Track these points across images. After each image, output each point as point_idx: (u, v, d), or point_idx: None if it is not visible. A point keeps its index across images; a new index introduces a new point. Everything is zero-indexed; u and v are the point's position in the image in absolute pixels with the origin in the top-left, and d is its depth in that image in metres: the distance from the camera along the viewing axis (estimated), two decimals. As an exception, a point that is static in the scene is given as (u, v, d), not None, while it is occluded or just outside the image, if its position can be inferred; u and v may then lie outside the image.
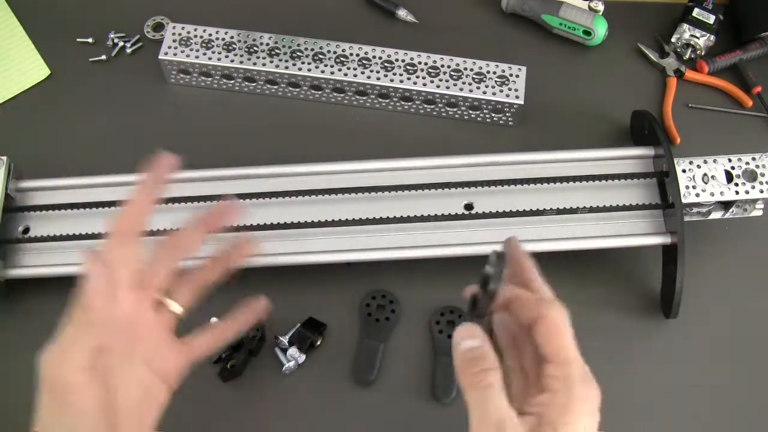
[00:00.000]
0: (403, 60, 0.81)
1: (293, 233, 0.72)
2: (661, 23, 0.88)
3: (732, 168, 0.70)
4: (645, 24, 0.88)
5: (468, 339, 0.44)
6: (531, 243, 0.70)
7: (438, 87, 0.80)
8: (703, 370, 0.70)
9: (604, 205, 0.71)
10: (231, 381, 0.70)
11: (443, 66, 0.81)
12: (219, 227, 0.53)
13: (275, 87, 0.84)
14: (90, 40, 0.89)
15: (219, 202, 0.54)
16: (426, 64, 0.81)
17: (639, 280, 0.74)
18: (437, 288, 0.73)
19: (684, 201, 0.68)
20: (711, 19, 0.85)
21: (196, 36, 0.83)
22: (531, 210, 0.71)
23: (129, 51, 0.88)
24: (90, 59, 0.88)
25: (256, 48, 0.83)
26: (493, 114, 0.82)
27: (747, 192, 0.69)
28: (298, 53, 0.82)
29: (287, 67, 0.81)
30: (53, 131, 0.84)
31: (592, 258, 0.73)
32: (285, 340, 0.70)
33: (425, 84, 0.80)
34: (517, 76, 0.80)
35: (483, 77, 0.80)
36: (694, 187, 0.69)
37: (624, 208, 0.71)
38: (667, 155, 0.69)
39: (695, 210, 0.72)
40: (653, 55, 0.86)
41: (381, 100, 0.83)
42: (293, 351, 0.69)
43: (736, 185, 0.69)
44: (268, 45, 0.83)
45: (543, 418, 0.41)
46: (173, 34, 0.84)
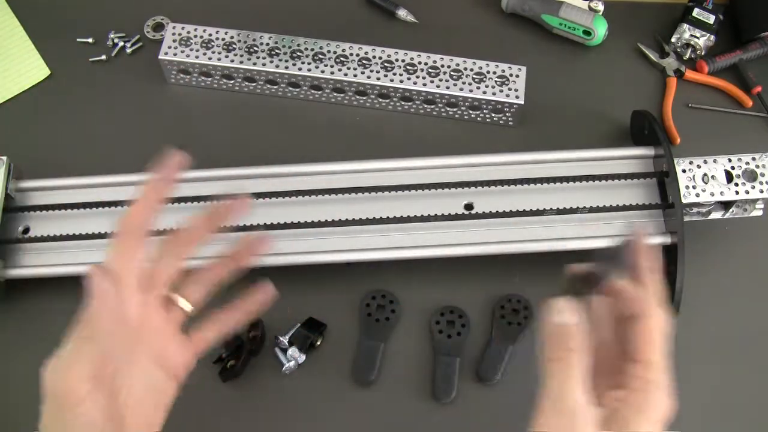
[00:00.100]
0: (403, 60, 0.81)
1: (293, 233, 0.72)
2: (661, 23, 0.88)
3: (732, 168, 0.70)
4: (645, 24, 0.88)
5: (562, 313, 0.44)
6: (531, 243, 0.70)
7: (438, 87, 0.80)
8: (704, 369, 0.70)
9: (604, 205, 0.71)
10: (231, 381, 0.70)
11: (443, 66, 0.81)
12: (224, 223, 0.52)
13: (275, 87, 0.84)
14: (90, 40, 0.89)
15: (225, 199, 0.53)
16: (426, 64, 0.81)
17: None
18: (437, 288, 0.73)
19: (684, 201, 0.69)
20: (711, 19, 0.85)
21: (196, 36, 0.83)
22: (531, 210, 0.71)
23: (129, 51, 0.88)
24: (90, 59, 0.88)
25: (256, 48, 0.83)
26: (493, 114, 0.82)
27: (747, 192, 0.69)
28: (298, 53, 0.82)
29: (287, 67, 0.81)
30: (53, 131, 0.84)
31: (592, 258, 0.73)
32: (285, 340, 0.70)
33: (425, 84, 0.80)
34: (517, 76, 0.80)
35: (483, 77, 0.80)
36: (694, 187, 0.69)
37: (624, 208, 0.71)
38: (667, 155, 0.69)
39: (695, 210, 0.72)
40: (653, 55, 0.86)
41: (381, 100, 0.83)
42: (293, 351, 0.69)
43: (736, 185, 0.69)
44: (268, 45, 0.83)
45: (617, 413, 0.42)
46: (173, 34, 0.84)
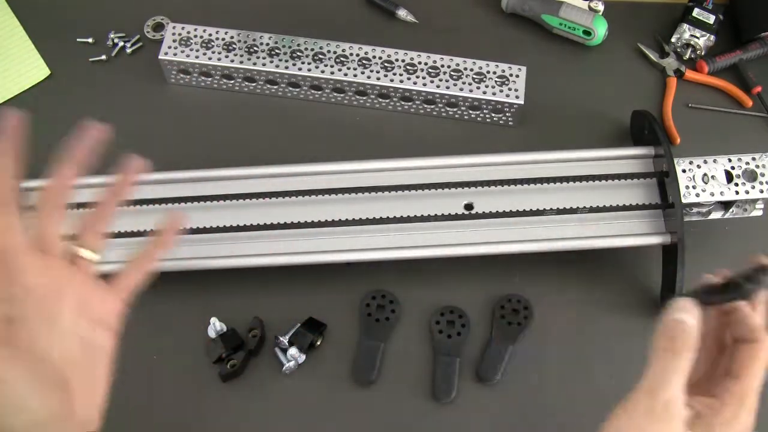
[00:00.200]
0: (403, 60, 0.81)
1: (293, 233, 0.72)
2: (661, 23, 0.88)
3: (732, 168, 0.70)
4: (645, 24, 0.88)
5: (685, 313, 0.45)
6: (531, 243, 0.70)
7: (438, 87, 0.80)
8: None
9: (604, 205, 0.71)
10: (231, 381, 0.70)
11: (443, 66, 0.81)
12: (87, 161, 0.50)
13: (275, 87, 0.84)
14: (90, 40, 0.89)
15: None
16: (426, 64, 0.81)
17: (639, 280, 0.74)
18: (437, 288, 0.73)
19: (684, 201, 0.68)
20: (711, 19, 0.85)
21: (196, 36, 0.83)
22: (531, 210, 0.71)
23: (129, 51, 0.88)
24: (90, 59, 0.88)
25: (256, 48, 0.83)
26: (493, 114, 0.82)
27: (747, 192, 0.69)
28: (298, 53, 0.82)
29: (287, 67, 0.81)
30: (53, 131, 0.84)
31: (592, 258, 0.73)
32: (285, 340, 0.70)
33: (425, 84, 0.80)
34: (517, 76, 0.80)
35: (483, 77, 0.80)
36: (694, 187, 0.69)
37: (624, 208, 0.71)
38: (667, 155, 0.69)
39: (695, 210, 0.72)
40: (653, 55, 0.86)
41: (381, 100, 0.83)
42: (293, 351, 0.69)
43: (736, 185, 0.69)
44: (268, 45, 0.83)
45: (703, 419, 0.44)
46: (173, 34, 0.84)
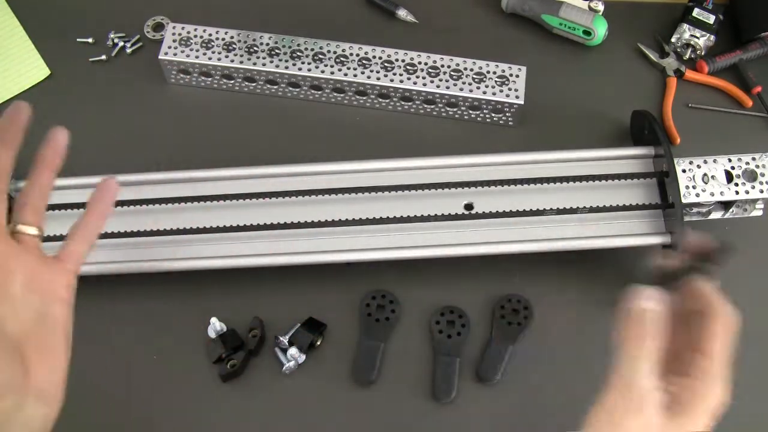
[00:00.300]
0: (403, 60, 0.81)
1: (293, 233, 0.72)
2: (661, 23, 0.88)
3: (732, 168, 0.70)
4: (645, 24, 0.88)
5: (648, 300, 0.46)
6: (531, 243, 0.70)
7: (438, 87, 0.80)
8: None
9: (604, 205, 0.71)
10: (231, 381, 0.70)
11: (443, 66, 0.81)
12: (18, 139, 0.51)
13: (275, 87, 0.84)
14: (90, 40, 0.89)
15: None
16: (426, 64, 0.81)
17: (639, 280, 0.74)
18: (437, 288, 0.73)
19: (684, 201, 0.69)
20: (711, 19, 0.85)
21: (196, 36, 0.83)
22: (531, 210, 0.71)
23: (129, 51, 0.88)
24: (90, 59, 0.88)
25: (256, 48, 0.83)
26: (493, 114, 0.82)
27: (747, 192, 0.69)
28: (298, 53, 0.82)
29: (287, 67, 0.81)
30: None
31: (592, 258, 0.73)
32: (285, 340, 0.70)
33: (425, 84, 0.80)
34: (517, 76, 0.80)
35: (483, 77, 0.80)
36: (694, 187, 0.69)
37: (624, 208, 0.71)
38: (667, 155, 0.69)
39: (695, 210, 0.72)
40: (653, 55, 0.86)
41: (381, 100, 0.83)
42: (293, 351, 0.69)
43: (736, 185, 0.69)
44: (268, 45, 0.83)
45: (678, 398, 0.44)
46: (173, 34, 0.84)
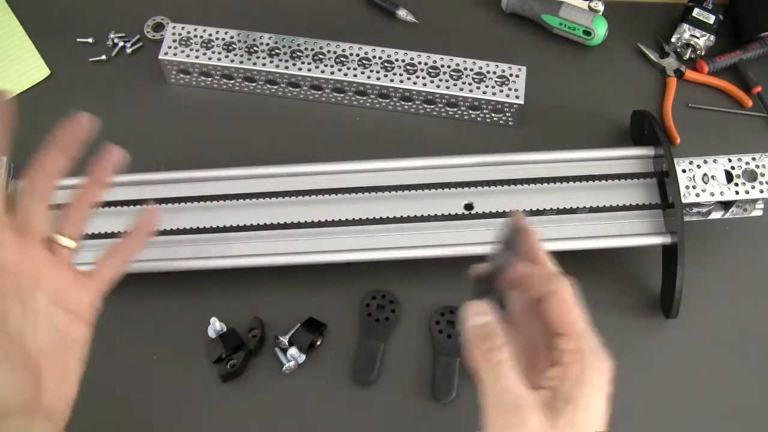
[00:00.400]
0: (403, 60, 0.81)
1: (293, 233, 0.72)
2: (661, 23, 0.88)
3: (732, 168, 0.70)
4: (645, 24, 0.88)
5: (478, 315, 0.44)
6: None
7: (438, 87, 0.80)
8: (703, 370, 0.70)
9: (604, 205, 0.71)
10: (231, 381, 0.70)
11: (443, 66, 0.81)
12: (76, 149, 0.50)
13: (275, 87, 0.84)
14: (90, 40, 0.89)
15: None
16: (426, 64, 0.81)
17: (639, 280, 0.74)
18: (437, 288, 0.73)
19: (684, 201, 0.68)
20: (711, 19, 0.85)
21: (196, 36, 0.83)
22: (531, 210, 0.71)
23: (129, 51, 0.88)
24: (90, 59, 0.88)
25: (256, 48, 0.83)
26: (493, 114, 0.82)
27: (747, 192, 0.69)
28: (298, 53, 0.82)
29: (287, 67, 0.81)
30: (53, 131, 0.84)
31: (592, 258, 0.73)
32: (285, 340, 0.70)
33: (425, 84, 0.80)
34: (517, 76, 0.80)
35: (483, 77, 0.80)
36: (694, 187, 0.69)
37: (624, 208, 0.71)
38: (667, 155, 0.69)
39: (695, 210, 0.72)
40: (653, 55, 0.86)
41: (381, 100, 0.83)
42: (293, 351, 0.69)
43: (736, 185, 0.69)
44: (268, 45, 0.83)
45: (557, 391, 0.42)
46: (173, 34, 0.84)
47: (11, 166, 0.73)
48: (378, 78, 0.81)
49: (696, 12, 0.85)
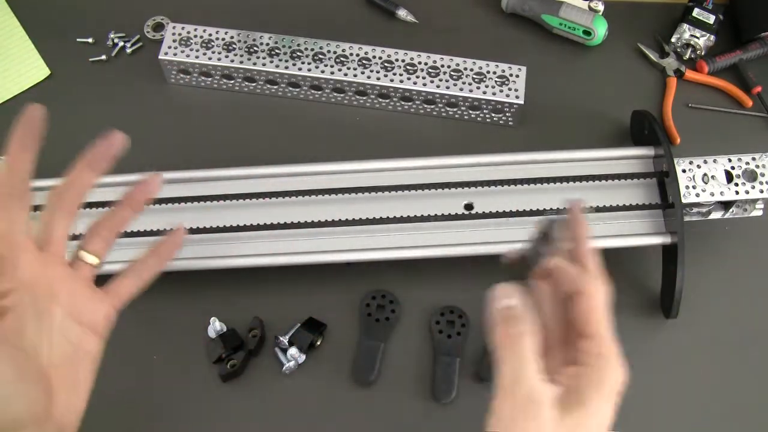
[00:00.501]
0: (403, 60, 0.81)
1: (293, 233, 0.72)
2: (661, 23, 0.88)
3: (732, 168, 0.70)
4: (645, 24, 0.88)
5: (505, 298, 0.44)
6: (531, 243, 0.70)
7: (438, 87, 0.80)
8: (703, 370, 0.70)
9: (604, 205, 0.71)
10: (231, 381, 0.70)
11: (443, 66, 0.81)
12: (106, 166, 0.50)
13: (275, 87, 0.84)
14: (90, 40, 0.89)
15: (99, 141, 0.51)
16: (426, 64, 0.81)
17: (639, 280, 0.74)
18: (437, 288, 0.73)
19: (684, 201, 0.68)
20: (711, 19, 0.85)
21: (196, 36, 0.83)
22: (531, 210, 0.71)
23: (129, 51, 0.88)
24: (90, 59, 0.88)
25: (256, 48, 0.83)
26: (493, 114, 0.82)
27: (747, 192, 0.69)
28: (298, 53, 0.82)
29: (287, 67, 0.81)
30: (53, 131, 0.83)
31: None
32: (285, 340, 0.70)
33: (425, 84, 0.80)
34: (517, 76, 0.80)
35: (483, 77, 0.80)
36: (694, 187, 0.69)
37: (624, 208, 0.71)
38: (667, 155, 0.69)
39: (695, 210, 0.72)
40: (653, 55, 0.86)
41: (381, 100, 0.83)
42: (293, 351, 0.69)
43: (736, 185, 0.69)
44: (268, 45, 0.83)
45: (571, 390, 0.42)
46: (173, 34, 0.84)
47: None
48: (378, 78, 0.81)
49: (696, 12, 0.85)
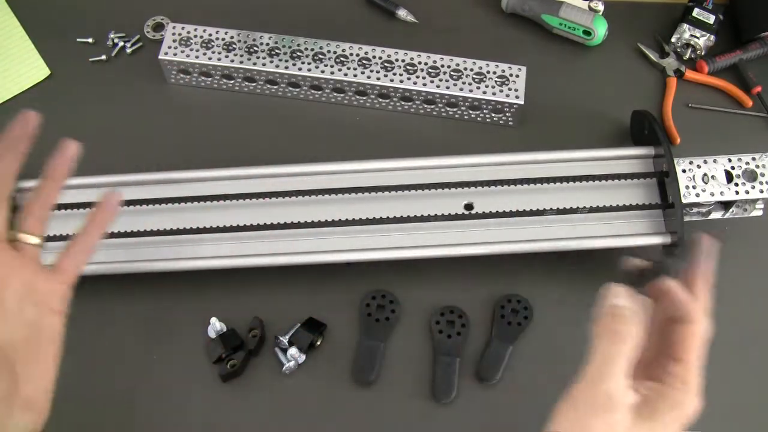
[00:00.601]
0: (403, 60, 0.81)
1: (293, 233, 0.72)
2: (661, 23, 0.88)
3: (732, 168, 0.70)
4: (645, 24, 0.88)
5: (618, 297, 0.46)
6: (531, 243, 0.70)
7: (438, 87, 0.80)
8: (703, 369, 0.70)
9: (604, 205, 0.71)
10: (231, 381, 0.70)
11: (443, 66, 0.81)
12: (26, 147, 0.52)
13: (275, 87, 0.84)
14: (90, 40, 0.89)
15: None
16: (426, 64, 0.81)
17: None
18: (437, 288, 0.73)
19: (684, 201, 0.69)
20: (711, 19, 0.85)
21: (196, 36, 0.83)
22: (531, 210, 0.71)
23: (129, 51, 0.88)
24: (90, 59, 0.88)
25: (256, 48, 0.83)
26: (493, 114, 0.82)
27: (747, 192, 0.69)
28: (298, 53, 0.82)
29: (287, 67, 0.81)
30: (53, 131, 0.84)
31: (592, 258, 0.73)
32: (285, 340, 0.70)
33: (425, 84, 0.80)
34: (517, 76, 0.80)
35: (483, 77, 0.80)
36: (694, 187, 0.69)
37: (624, 208, 0.71)
38: (667, 155, 0.69)
39: (695, 210, 0.72)
40: (653, 55, 0.86)
41: (381, 100, 0.83)
42: (293, 351, 0.69)
43: (736, 185, 0.69)
44: (268, 45, 0.83)
45: (648, 402, 0.44)
46: (173, 34, 0.84)
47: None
48: (378, 78, 0.81)
49: (696, 12, 0.85)
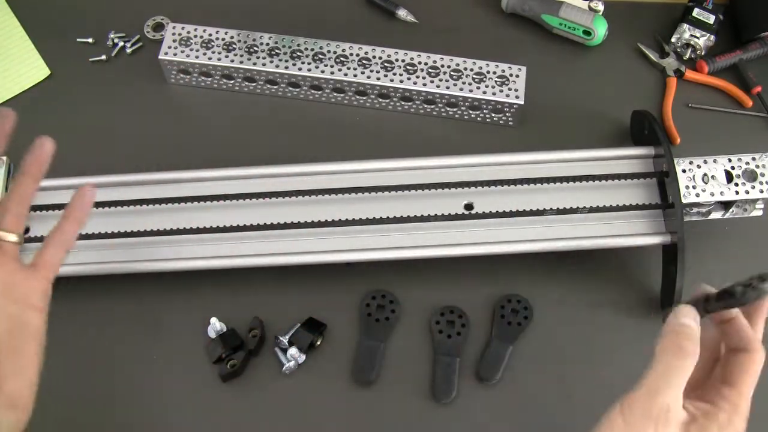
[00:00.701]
0: (403, 60, 0.81)
1: (293, 233, 0.72)
2: (661, 23, 0.88)
3: (732, 168, 0.70)
4: (645, 24, 0.88)
5: (686, 317, 0.48)
6: (531, 243, 0.70)
7: (438, 87, 0.80)
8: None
9: (604, 205, 0.71)
10: (231, 381, 0.70)
11: (443, 66, 0.81)
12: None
13: (275, 87, 0.84)
14: (90, 40, 0.89)
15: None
16: (426, 64, 0.81)
17: (639, 280, 0.74)
18: (437, 288, 0.73)
19: (684, 201, 0.68)
20: (711, 19, 0.85)
21: (196, 36, 0.84)
22: (531, 210, 0.71)
23: (129, 51, 0.88)
24: (90, 59, 0.88)
25: (256, 48, 0.83)
26: (493, 114, 0.82)
27: (747, 192, 0.69)
28: (298, 53, 0.82)
29: (287, 67, 0.81)
30: (53, 131, 0.83)
31: (592, 258, 0.73)
32: (285, 340, 0.70)
33: (425, 84, 0.80)
34: (517, 76, 0.80)
35: (483, 77, 0.80)
36: (694, 187, 0.69)
37: (624, 208, 0.71)
38: (667, 155, 0.69)
39: (695, 210, 0.72)
40: (653, 55, 0.86)
41: (381, 100, 0.83)
42: (293, 351, 0.69)
43: (736, 185, 0.69)
44: (268, 45, 0.83)
45: (697, 421, 0.46)
46: (173, 34, 0.84)
47: (11, 165, 0.73)
48: (378, 78, 0.81)
49: (696, 12, 0.85)
